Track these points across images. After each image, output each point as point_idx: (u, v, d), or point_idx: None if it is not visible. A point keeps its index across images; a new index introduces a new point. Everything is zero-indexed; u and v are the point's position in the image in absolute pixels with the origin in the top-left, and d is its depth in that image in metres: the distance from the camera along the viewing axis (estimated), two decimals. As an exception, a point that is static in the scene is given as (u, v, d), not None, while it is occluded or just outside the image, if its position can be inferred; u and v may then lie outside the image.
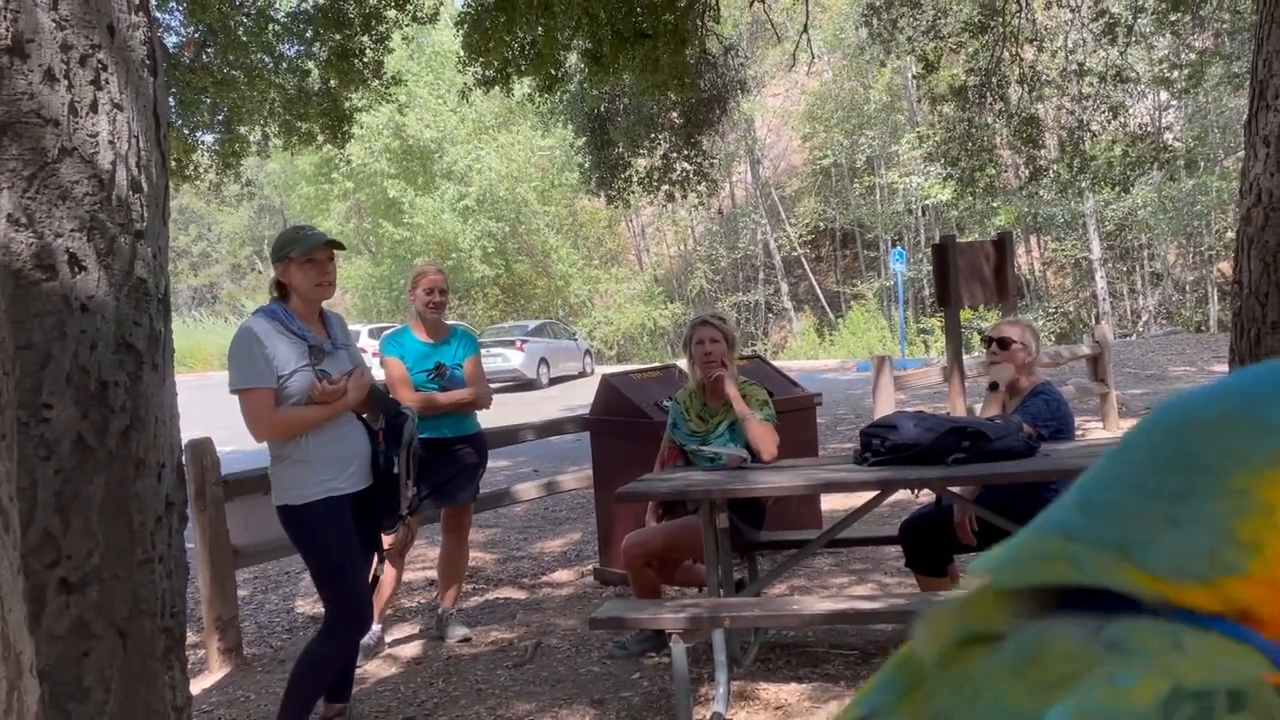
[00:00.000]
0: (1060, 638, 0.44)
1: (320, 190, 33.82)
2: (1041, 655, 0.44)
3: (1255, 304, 3.86)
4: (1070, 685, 0.42)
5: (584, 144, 15.14)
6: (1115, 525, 0.46)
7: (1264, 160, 3.81)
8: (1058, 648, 0.44)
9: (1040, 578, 0.46)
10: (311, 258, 3.05)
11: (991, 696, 0.44)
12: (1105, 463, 0.51)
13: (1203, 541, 0.45)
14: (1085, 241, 26.26)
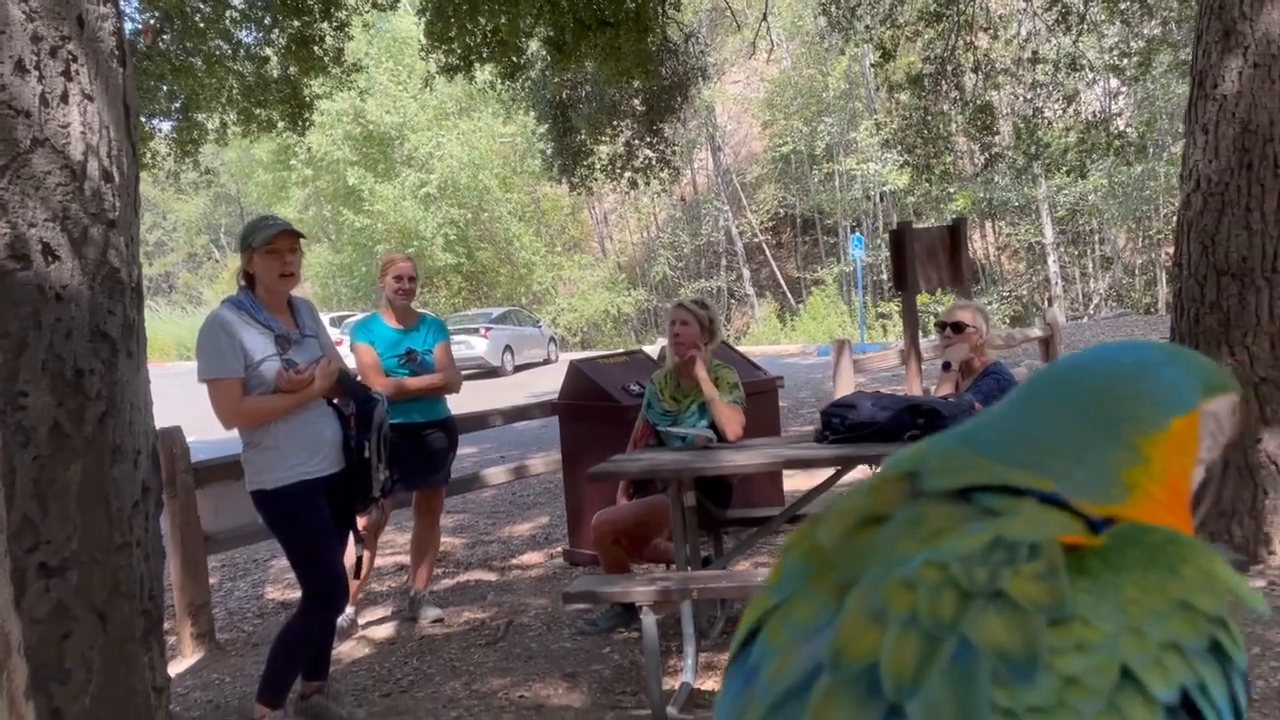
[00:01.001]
0: (943, 504, 0.57)
1: (278, 178, 33.45)
2: (926, 516, 0.56)
3: (1194, 285, 4.04)
4: (946, 535, 0.54)
5: (546, 131, 15.15)
6: (1028, 453, 0.61)
7: (1203, 147, 3.98)
8: (940, 510, 0.56)
9: (964, 482, 0.59)
10: (272, 247, 3.10)
11: (882, 553, 0.56)
12: (1014, 404, 0.65)
13: (1099, 478, 0.62)
14: (1039, 226, 26.72)
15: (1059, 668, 0.53)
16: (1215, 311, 3.97)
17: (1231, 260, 3.92)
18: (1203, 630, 0.56)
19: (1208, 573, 0.58)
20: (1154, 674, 0.54)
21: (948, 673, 0.53)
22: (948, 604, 0.54)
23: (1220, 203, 3.93)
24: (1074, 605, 0.55)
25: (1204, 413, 0.69)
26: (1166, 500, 0.64)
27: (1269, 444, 3.92)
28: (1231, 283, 3.93)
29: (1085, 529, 0.60)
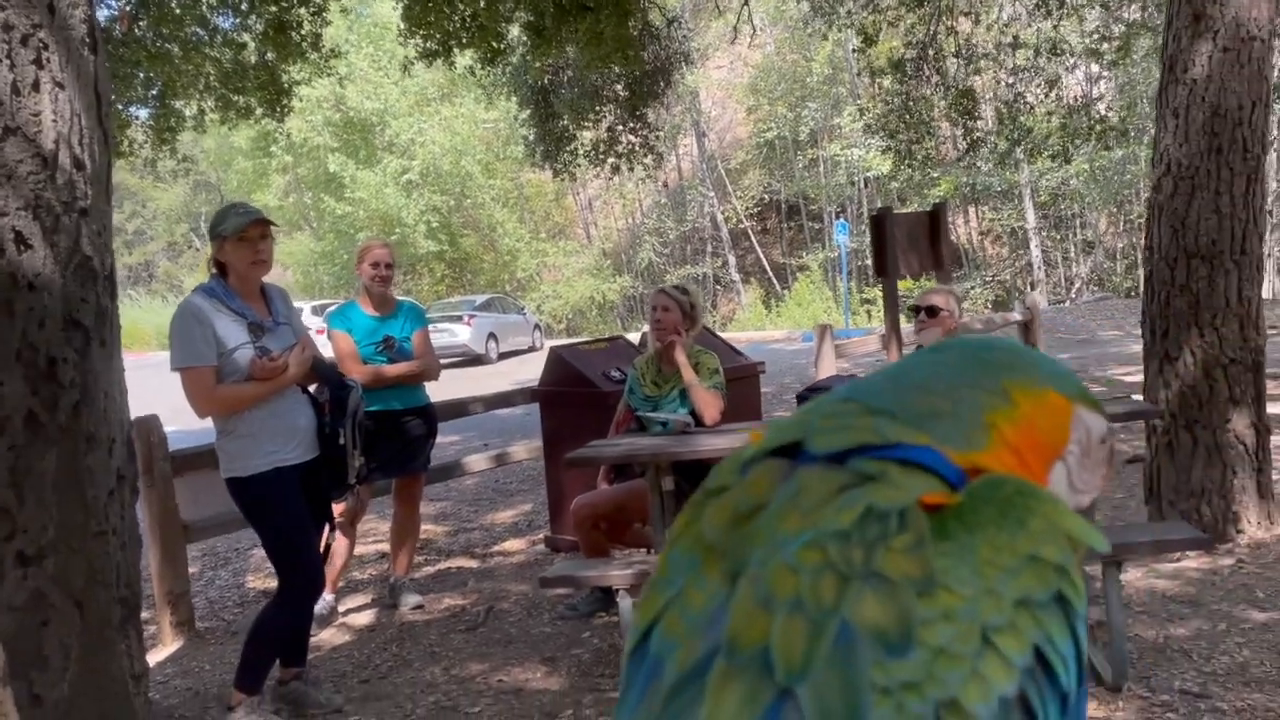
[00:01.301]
0: (822, 471, 0.59)
1: (258, 165, 33.21)
2: (806, 487, 0.59)
3: (1165, 268, 4.09)
4: (824, 509, 0.57)
5: (528, 117, 15.09)
6: (909, 404, 0.65)
7: (1173, 131, 4.02)
8: (818, 479, 0.59)
9: (844, 443, 0.61)
10: (244, 235, 3.09)
11: (767, 533, 0.58)
12: (908, 361, 0.69)
13: (966, 422, 0.65)
14: (1021, 211, 26.84)
15: (928, 640, 0.56)
16: (1185, 294, 4.02)
17: (1201, 243, 3.97)
18: (1050, 582, 0.59)
19: (1053, 522, 0.61)
20: (1009, 638, 0.57)
21: (832, 655, 0.55)
22: (828, 587, 0.57)
23: (1190, 186, 3.97)
24: (939, 573, 0.58)
25: (1077, 412, 0.71)
26: (1023, 453, 0.67)
27: (1237, 424, 3.98)
28: (1201, 265, 3.97)
29: (946, 487, 0.63)
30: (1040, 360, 0.72)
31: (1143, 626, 3.33)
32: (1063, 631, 0.59)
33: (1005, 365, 0.69)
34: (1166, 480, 4.12)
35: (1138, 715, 2.71)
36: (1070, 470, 0.72)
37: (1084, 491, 0.74)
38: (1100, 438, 0.73)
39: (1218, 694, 2.79)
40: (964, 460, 0.64)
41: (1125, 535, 2.98)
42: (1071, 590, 0.60)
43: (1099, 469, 0.75)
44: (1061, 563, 0.60)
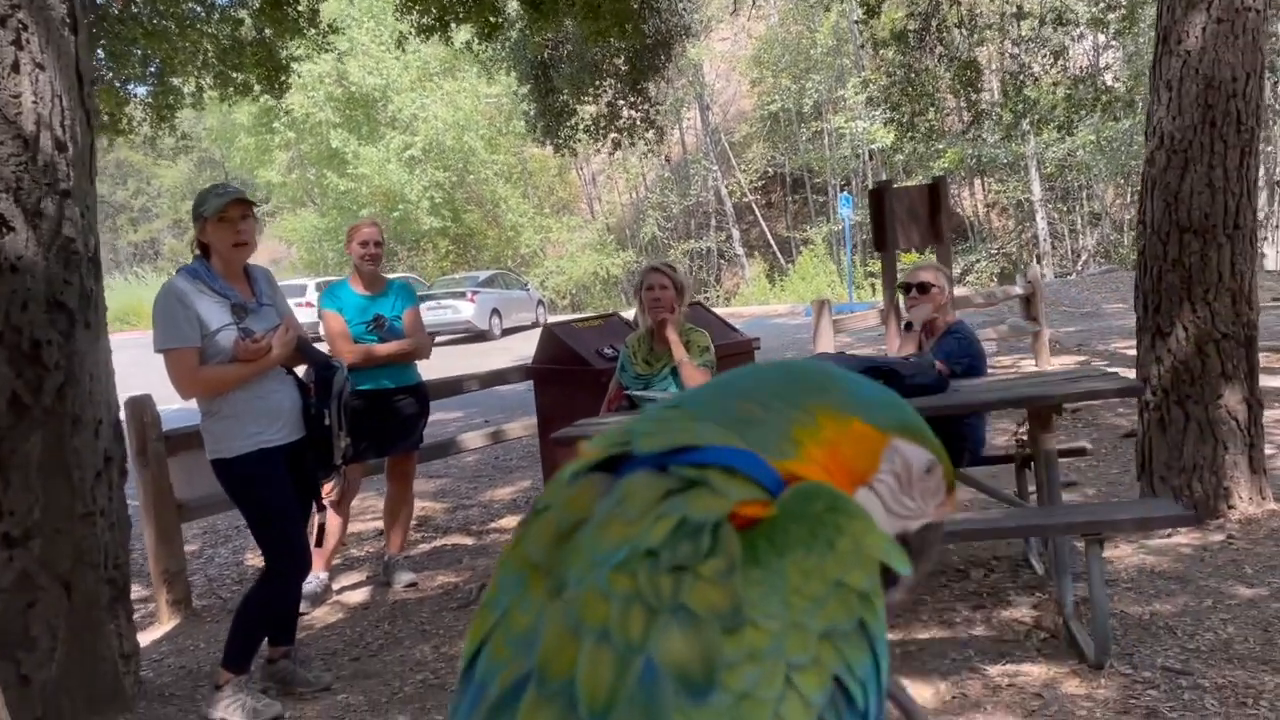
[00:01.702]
0: (644, 477, 0.59)
1: (261, 141, 33.10)
2: (628, 495, 0.58)
3: (1158, 242, 4.05)
4: (643, 520, 0.56)
5: (528, 92, 14.99)
6: (731, 413, 0.66)
7: (1166, 104, 3.97)
8: (641, 486, 0.58)
9: (667, 444, 0.61)
10: (224, 215, 3.08)
11: (588, 551, 0.58)
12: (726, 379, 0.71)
13: (776, 433, 0.66)
14: (1027, 183, 26.65)
15: (730, 684, 0.55)
16: (1178, 268, 3.98)
17: (1194, 217, 3.93)
18: (853, 609, 0.59)
19: (860, 544, 0.61)
20: (810, 676, 0.56)
21: (636, 695, 0.54)
22: (635, 620, 0.56)
23: (1183, 160, 3.92)
24: (748, 602, 0.57)
25: (892, 443, 0.72)
26: (829, 470, 0.67)
27: (1229, 400, 3.95)
28: (1194, 239, 3.93)
29: (764, 493, 0.63)
30: (859, 388, 0.72)
31: (1129, 603, 3.33)
32: (863, 657, 0.59)
33: (817, 388, 0.70)
34: (1158, 456, 4.11)
35: (1119, 693, 2.72)
36: (885, 499, 0.72)
37: (909, 517, 0.74)
38: (924, 469, 0.73)
39: (1199, 670, 2.79)
40: (778, 466, 0.65)
41: (1108, 512, 2.97)
42: (872, 616, 0.60)
43: (933, 496, 0.74)
44: (865, 589, 0.60)
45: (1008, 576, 3.77)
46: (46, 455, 3.05)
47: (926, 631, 3.32)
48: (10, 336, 3.01)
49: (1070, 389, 3.14)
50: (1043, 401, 3.12)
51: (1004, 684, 2.85)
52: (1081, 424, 6.74)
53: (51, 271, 3.13)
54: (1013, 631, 3.23)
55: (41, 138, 3.14)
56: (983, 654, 3.09)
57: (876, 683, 0.59)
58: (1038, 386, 3.26)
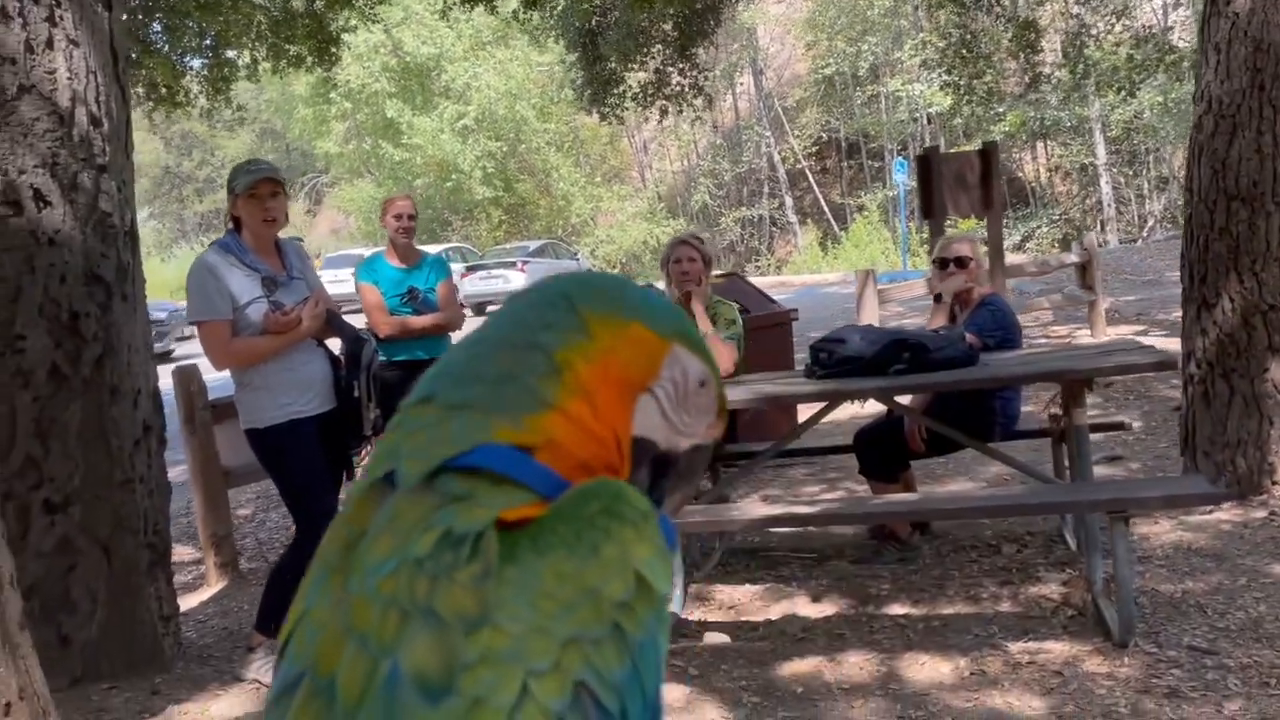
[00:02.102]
0: (413, 494, 0.58)
1: (318, 111, 33.47)
2: (399, 512, 0.58)
3: (1204, 210, 3.93)
4: (416, 530, 0.56)
5: (575, 60, 14.92)
6: (485, 380, 0.65)
7: (1214, 67, 3.83)
8: (410, 500, 0.58)
9: (434, 460, 0.60)
10: (253, 192, 3.12)
11: (364, 560, 0.58)
12: (484, 327, 0.70)
13: (536, 376, 0.64)
14: (1091, 147, 25.89)
15: (467, 688, 0.55)
16: (1224, 237, 3.85)
17: (1242, 184, 3.79)
18: (606, 617, 0.58)
19: (625, 552, 0.59)
20: (550, 682, 0.55)
21: (380, 696, 0.55)
22: (390, 623, 0.56)
23: (1231, 125, 3.78)
24: (496, 604, 0.56)
25: (674, 350, 0.70)
26: (597, 391, 0.66)
27: (1276, 373, 3.83)
28: (1241, 207, 3.80)
29: (537, 497, 0.62)
30: (634, 294, 0.71)
31: (1161, 580, 3.26)
32: (616, 665, 0.57)
33: (589, 297, 0.68)
34: (1202, 431, 4.00)
35: (1141, 672, 2.67)
36: (664, 406, 0.70)
37: (685, 434, 0.72)
38: (699, 381, 0.71)
39: (1226, 650, 2.73)
40: (542, 428, 0.63)
41: (1135, 490, 2.90)
42: (633, 624, 0.58)
43: (704, 415, 0.73)
44: (623, 599, 0.58)
45: (1040, 552, 3.71)
46: (85, 424, 3.15)
47: (951, 607, 3.30)
48: (49, 309, 3.11)
49: (1102, 363, 3.07)
50: (1072, 375, 3.05)
51: (1024, 661, 2.82)
52: (1133, 396, 6.58)
53: (89, 245, 3.22)
54: (1039, 608, 3.19)
55: (77, 113, 3.22)
56: (1006, 631, 3.05)
57: (639, 692, 0.58)
58: (1068, 360, 3.20)
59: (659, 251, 21.95)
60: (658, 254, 33.79)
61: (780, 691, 2.83)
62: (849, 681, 2.85)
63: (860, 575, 3.67)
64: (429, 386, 0.68)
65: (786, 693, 2.82)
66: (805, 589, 3.62)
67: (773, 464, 5.55)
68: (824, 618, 3.35)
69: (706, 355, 0.72)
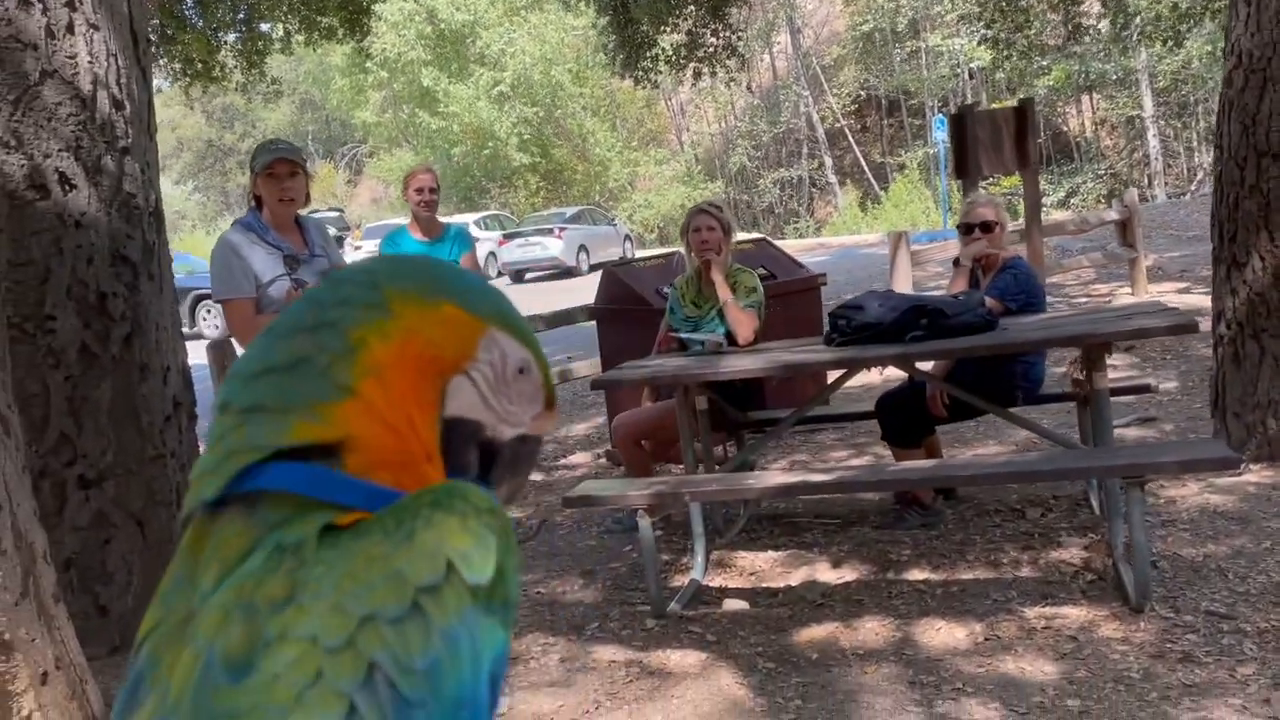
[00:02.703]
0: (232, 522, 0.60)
1: (355, 81, 33.60)
2: (223, 540, 0.60)
3: (1235, 168, 3.83)
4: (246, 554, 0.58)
5: (607, 24, 14.80)
6: (277, 371, 0.63)
7: (1244, 19, 3.72)
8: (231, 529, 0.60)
9: (230, 472, 0.61)
10: (271, 171, 3.16)
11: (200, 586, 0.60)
12: (286, 313, 0.68)
13: (329, 359, 0.63)
14: (1138, 98, 25.21)
15: (266, 666, 0.56)
16: (1255, 195, 3.76)
17: (1273, 141, 3.68)
18: (406, 599, 0.57)
19: (442, 540, 0.59)
20: (343, 661, 0.56)
21: (196, 684, 0.57)
22: (215, 622, 0.58)
23: (1262, 79, 3.67)
24: (302, 585, 0.57)
25: (490, 333, 0.68)
26: (392, 371, 0.64)
27: (1308, 334, 3.75)
28: (1272, 164, 3.70)
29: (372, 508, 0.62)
30: (449, 275, 0.68)
31: (1183, 544, 3.23)
32: (417, 648, 0.57)
33: (396, 276, 0.66)
34: (1231, 392, 3.93)
35: (1156, 636, 2.66)
36: (482, 389, 0.68)
37: (509, 422, 0.70)
38: (518, 367, 0.69)
39: (1244, 614, 2.71)
40: (339, 419, 0.62)
41: (1151, 454, 2.87)
42: (439, 610, 0.58)
43: (527, 404, 0.71)
44: (429, 583, 0.58)
45: (1064, 517, 3.69)
46: (116, 401, 3.24)
47: (971, 572, 3.30)
48: (77, 290, 3.19)
49: (1121, 326, 3.03)
50: (1090, 339, 3.01)
51: (1040, 626, 2.82)
52: (1171, 356, 6.47)
53: (114, 227, 3.29)
54: (1059, 573, 3.18)
55: (99, 97, 3.28)
56: (1025, 596, 3.05)
57: (451, 683, 0.58)
58: (1087, 324, 3.16)
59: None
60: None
61: (795, 658, 2.87)
62: (864, 647, 2.87)
63: (882, 541, 3.68)
64: (224, 391, 0.66)
65: (802, 659, 2.86)
66: (826, 555, 3.64)
67: (802, 430, 5.55)
68: (843, 584, 3.37)
69: (528, 340, 0.70)
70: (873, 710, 2.50)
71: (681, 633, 3.12)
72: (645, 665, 2.92)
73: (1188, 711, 2.30)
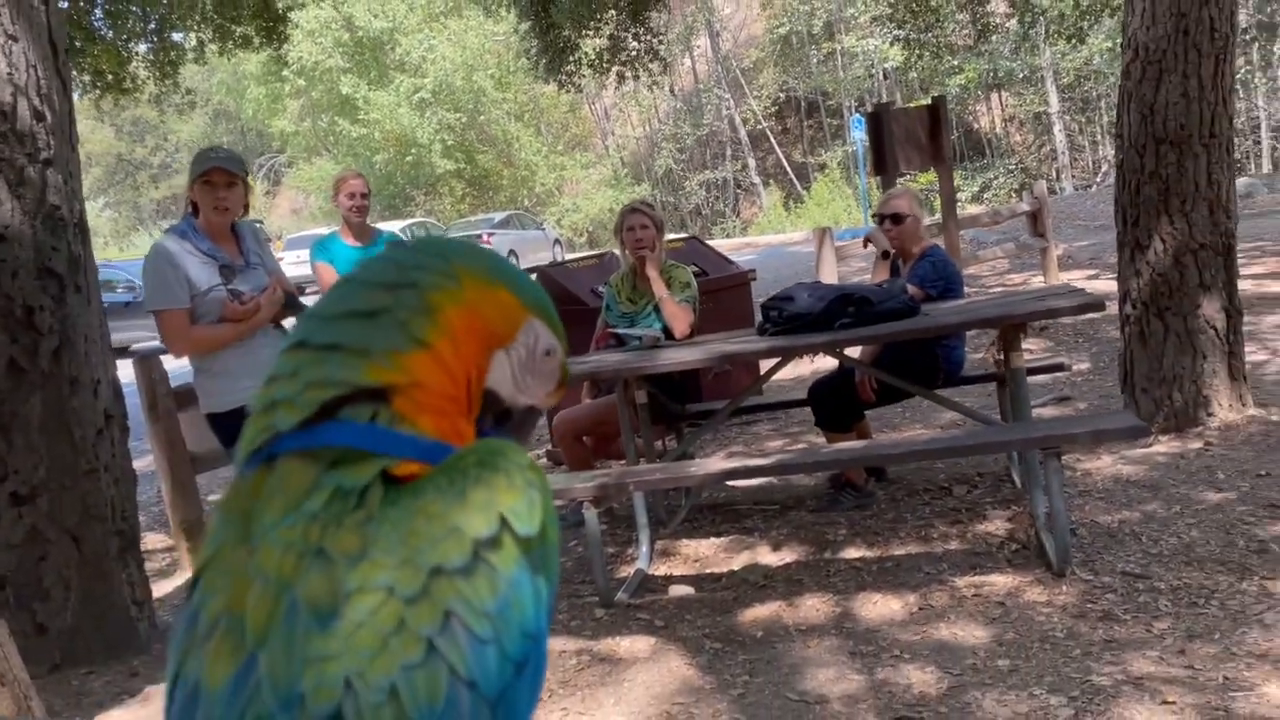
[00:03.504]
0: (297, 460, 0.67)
1: (271, 90, 33.00)
2: (287, 476, 0.67)
3: (1135, 155, 4.04)
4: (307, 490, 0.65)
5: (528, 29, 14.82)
6: (356, 316, 0.72)
7: (1140, 14, 3.93)
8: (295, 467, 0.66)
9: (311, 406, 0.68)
10: (207, 179, 3.15)
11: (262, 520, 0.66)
12: (364, 268, 0.76)
13: (407, 314, 0.71)
14: (1044, 95, 26.08)
15: (349, 615, 0.63)
16: (1154, 180, 3.98)
17: (1170, 128, 3.91)
18: (467, 551, 0.66)
19: (492, 497, 0.68)
20: (422, 609, 0.64)
21: (281, 626, 0.64)
22: (289, 564, 0.65)
23: (1158, 70, 3.89)
24: (374, 541, 0.65)
25: (531, 320, 0.78)
26: (462, 337, 0.73)
27: (1207, 309, 3.98)
28: (1170, 150, 3.92)
29: (423, 459, 0.70)
30: (504, 264, 0.78)
31: (1099, 512, 3.41)
32: (487, 594, 0.65)
33: (463, 254, 0.76)
34: (1139, 369, 4.15)
35: (1078, 598, 2.82)
36: (514, 366, 0.78)
37: (526, 395, 0.81)
38: (546, 350, 0.80)
39: (1158, 574, 2.88)
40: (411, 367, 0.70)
41: (1063, 427, 3.04)
42: (499, 558, 0.66)
43: (546, 382, 0.81)
44: (484, 535, 0.66)
45: (989, 492, 3.86)
46: (47, 416, 3.19)
47: (903, 548, 3.43)
48: (3, 304, 3.13)
49: (1035, 307, 3.19)
50: (1004, 321, 3.17)
51: (969, 595, 2.96)
52: (1083, 339, 6.76)
53: (39, 239, 3.24)
54: (985, 544, 3.33)
55: (19, 107, 3.22)
56: (955, 567, 3.19)
57: (516, 622, 0.66)
58: (1002, 307, 3.31)
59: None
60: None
61: (741, 637, 2.96)
62: (806, 623, 2.98)
63: (819, 523, 3.80)
64: (302, 330, 0.74)
65: (747, 637, 2.95)
66: (767, 539, 3.74)
67: (738, 422, 5.67)
68: (784, 565, 3.48)
69: (557, 329, 0.81)
70: (816, 680, 2.60)
71: (630, 620, 3.19)
72: (596, 653, 2.98)
73: (1109, 665, 2.45)
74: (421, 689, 0.62)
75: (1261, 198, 15.06)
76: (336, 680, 0.62)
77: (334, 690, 0.62)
